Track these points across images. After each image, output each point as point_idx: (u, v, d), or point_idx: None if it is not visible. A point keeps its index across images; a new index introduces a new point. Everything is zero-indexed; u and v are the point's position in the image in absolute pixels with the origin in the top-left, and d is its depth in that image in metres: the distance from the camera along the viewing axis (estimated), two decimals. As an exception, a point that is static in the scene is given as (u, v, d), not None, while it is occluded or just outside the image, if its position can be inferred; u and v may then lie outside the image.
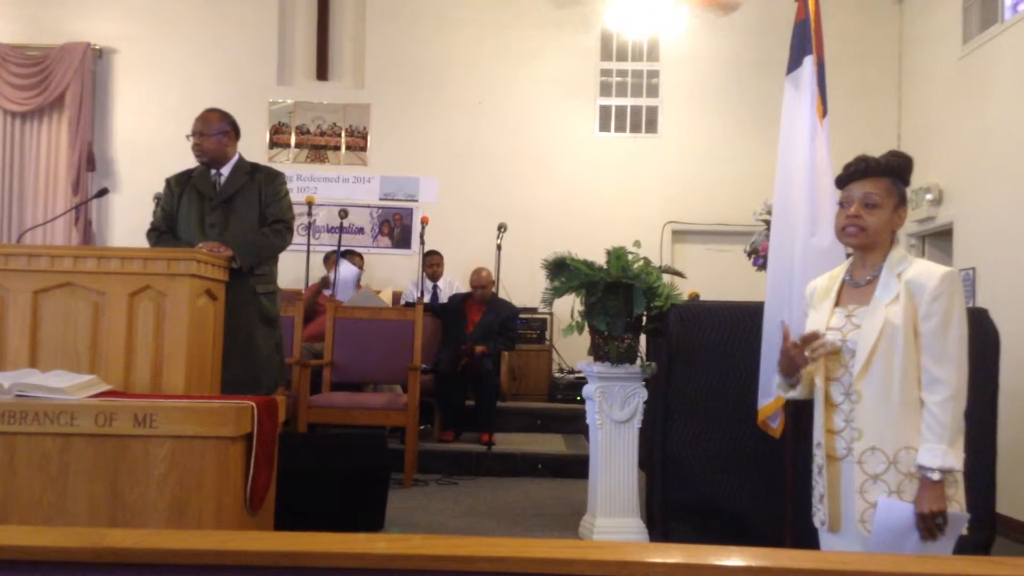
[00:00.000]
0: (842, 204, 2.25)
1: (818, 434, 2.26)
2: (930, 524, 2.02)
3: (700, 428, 3.90)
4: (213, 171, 3.94)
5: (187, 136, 3.92)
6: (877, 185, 2.20)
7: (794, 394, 2.34)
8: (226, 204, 3.90)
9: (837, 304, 2.26)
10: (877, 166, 2.22)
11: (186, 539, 1.29)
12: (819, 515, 2.27)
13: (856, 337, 2.16)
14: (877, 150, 2.32)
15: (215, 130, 3.89)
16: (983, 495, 3.64)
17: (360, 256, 7.56)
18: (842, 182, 2.27)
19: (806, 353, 2.21)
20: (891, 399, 2.10)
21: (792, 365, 2.25)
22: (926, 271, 2.12)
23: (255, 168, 4.02)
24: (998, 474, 3.83)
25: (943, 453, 2.02)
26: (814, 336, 2.20)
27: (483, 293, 6.64)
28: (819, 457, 2.25)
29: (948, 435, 2.03)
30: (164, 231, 3.94)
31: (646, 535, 4.03)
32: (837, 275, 2.32)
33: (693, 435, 3.91)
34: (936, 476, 2.02)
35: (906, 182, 2.26)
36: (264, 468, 2.89)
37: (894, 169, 2.23)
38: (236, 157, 3.99)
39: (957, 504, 2.07)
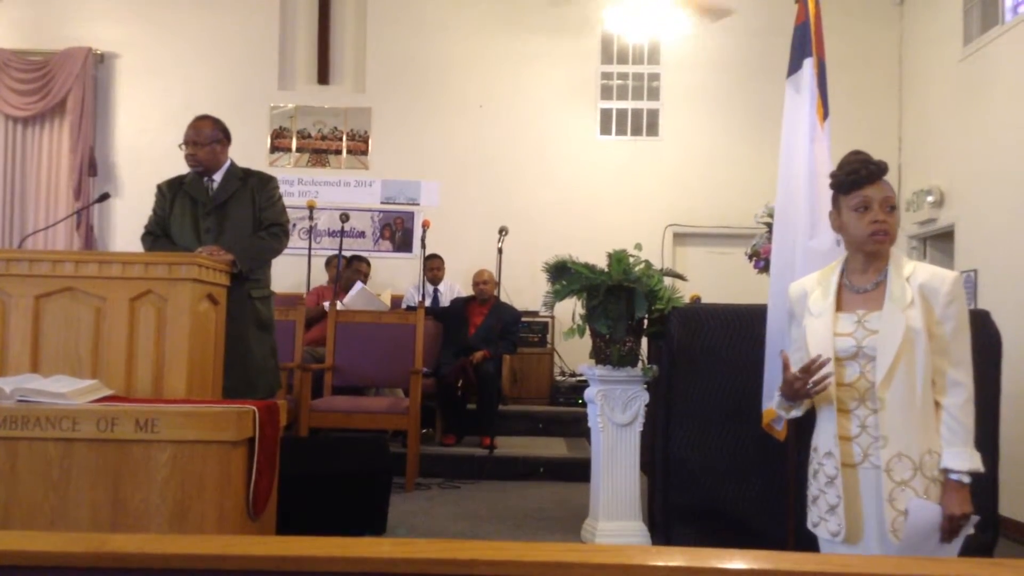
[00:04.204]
0: (861, 209, 2.18)
1: (828, 443, 2.20)
2: (957, 526, 2.04)
3: (702, 431, 3.90)
4: (205, 177, 3.95)
5: (179, 146, 3.92)
6: (887, 187, 2.20)
7: (796, 413, 2.29)
8: (220, 209, 3.91)
9: (839, 309, 2.22)
10: (881, 168, 2.21)
11: (188, 544, 1.29)
12: (827, 526, 2.20)
13: (874, 343, 2.12)
14: (878, 152, 2.31)
15: (208, 139, 3.89)
16: (986, 497, 3.63)
17: (367, 263, 7.54)
18: (853, 186, 2.20)
19: (809, 386, 2.15)
20: (914, 404, 2.08)
21: (797, 395, 2.21)
22: (938, 275, 2.13)
23: (247, 173, 4.02)
24: (1000, 476, 3.83)
25: (969, 456, 2.04)
26: (816, 365, 2.13)
27: (485, 289, 6.64)
28: (830, 467, 2.19)
29: (971, 437, 2.05)
30: (159, 235, 3.95)
31: (648, 538, 4.02)
32: (829, 278, 2.28)
33: (695, 438, 3.90)
34: (967, 479, 2.04)
35: None
36: (266, 472, 2.89)
37: (886, 170, 2.24)
38: (228, 163, 4.00)
39: None
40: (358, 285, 6.75)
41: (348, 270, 7.07)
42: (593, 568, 1.22)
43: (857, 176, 2.20)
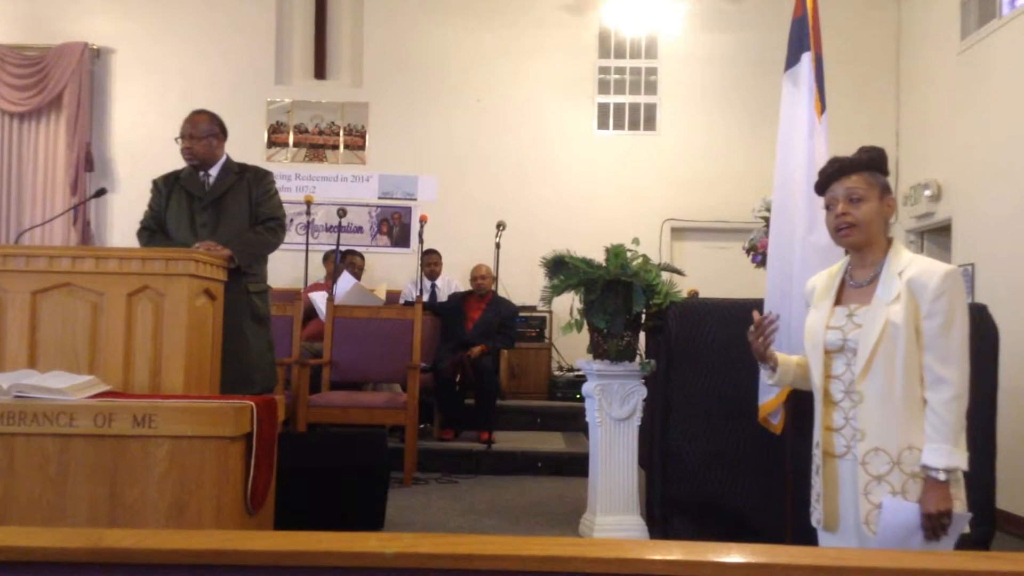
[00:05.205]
0: (828, 207, 2.26)
1: (817, 433, 2.27)
2: (936, 524, 2.02)
3: (700, 425, 3.90)
4: (201, 172, 3.95)
5: (176, 139, 3.92)
6: (856, 179, 2.21)
7: (775, 379, 2.39)
8: (216, 204, 3.91)
9: (838, 303, 2.26)
10: (852, 163, 2.23)
11: (186, 539, 1.29)
12: (816, 514, 2.27)
13: (857, 336, 2.15)
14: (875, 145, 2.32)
15: (205, 133, 3.89)
16: (983, 491, 3.64)
17: (361, 256, 7.55)
18: (821, 187, 2.29)
19: (760, 339, 2.33)
20: (893, 399, 2.09)
21: (757, 352, 2.35)
22: (927, 269, 2.11)
23: (243, 168, 4.02)
24: (997, 470, 3.84)
25: (948, 453, 2.02)
26: (763, 321, 2.32)
27: (482, 284, 6.65)
28: (817, 456, 2.25)
29: (953, 435, 2.03)
30: (155, 230, 3.94)
31: (646, 532, 4.03)
32: (836, 273, 2.33)
33: (693, 432, 3.91)
34: (942, 476, 2.02)
35: (884, 172, 2.26)
36: (264, 468, 2.89)
37: (868, 163, 2.24)
38: (224, 157, 4.00)
39: (959, 502, 2.07)
40: (346, 275, 6.74)
41: (342, 264, 7.07)
42: (591, 562, 1.22)
43: (822, 177, 2.28)
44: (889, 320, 2.10)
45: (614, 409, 4.07)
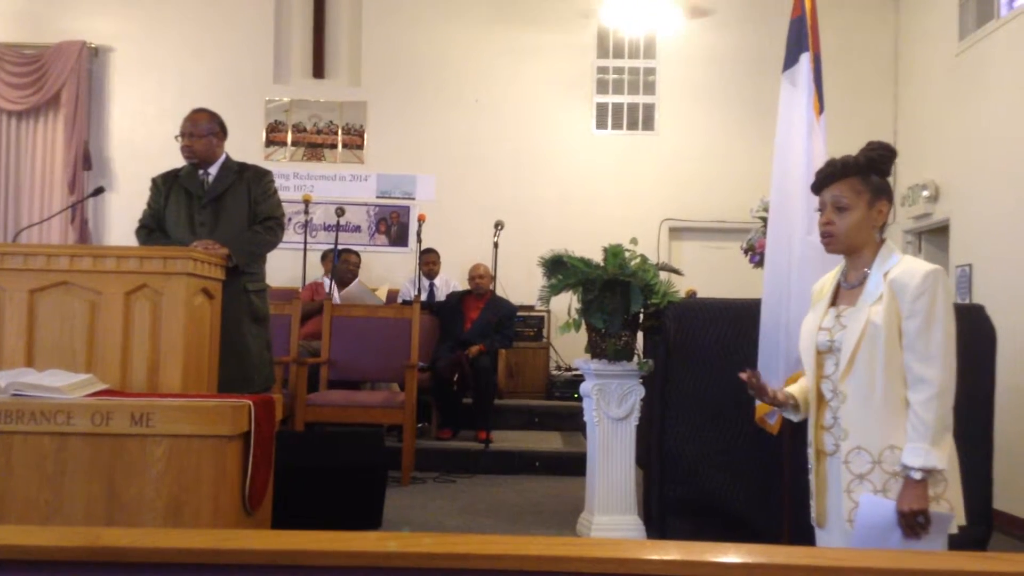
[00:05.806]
0: (820, 211, 2.28)
1: (810, 432, 2.29)
2: (911, 522, 2.02)
3: (697, 425, 3.91)
4: (201, 171, 3.94)
5: (176, 137, 3.92)
6: (844, 187, 2.20)
7: (800, 416, 2.39)
8: (215, 203, 3.90)
9: (833, 304, 2.28)
10: (845, 167, 2.22)
11: (183, 538, 1.29)
12: (812, 511, 2.29)
13: (842, 337, 2.17)
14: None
15: (205, 131, 3.89)
16: (980, 491, 3.64)
17: (356, 254, 7.55)
18: (816, 188, 2.29)
19: (768, 395, 2.37)
20: (874, 398, 2.11)
21: (773, 404, 2.40)
22: (909, 270, 2.12)
23: (243, 167, 4.02)
24: (995, 470, 3.84)
25: (926, 452, 2.02)
26: (753, 379, 2.37)
27: (481, 284, 6.65)
28: (810, 455, 2.28)
29: (931, 434, 2.02)
30: (154, 229, 3.94)
31: (643, 532, 4.03)
32: (835, 275, 2.34)
33: (690, 432, 3.91)
34: (919, 475, 2.02)
35: (882, 173, 2.25)
36: (262, 467, 2.89)
37: (865, 165, 2.22)
38: (223, 156, 4.00)
39: (946, 503, 2.06)
40: (356, 282, 6.76)
41: (340, 263, 7.07)
42: (588, 562, 1.22)
43: (818, 177, 2.28)
44: (870, 320, 2.11)
45: (612, 409, 4.07)
